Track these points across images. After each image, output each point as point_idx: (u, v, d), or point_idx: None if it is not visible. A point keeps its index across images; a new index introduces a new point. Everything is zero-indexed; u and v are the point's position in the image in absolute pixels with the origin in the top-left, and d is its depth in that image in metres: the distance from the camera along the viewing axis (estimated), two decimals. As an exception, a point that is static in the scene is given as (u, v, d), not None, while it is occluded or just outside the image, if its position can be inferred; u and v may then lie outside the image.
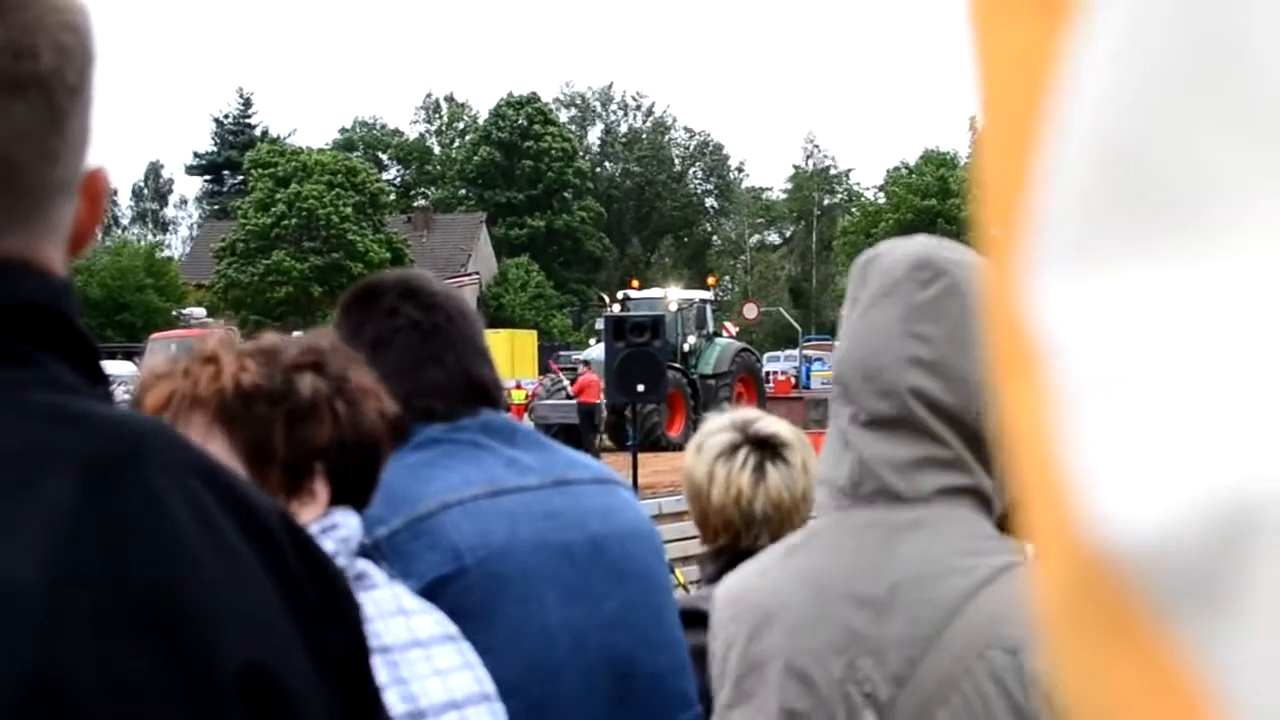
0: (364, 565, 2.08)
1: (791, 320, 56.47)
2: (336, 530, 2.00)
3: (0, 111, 1.10)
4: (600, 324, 36.32)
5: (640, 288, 40.02)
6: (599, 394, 32.69)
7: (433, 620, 2.12)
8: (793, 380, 43.60)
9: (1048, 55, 0.37)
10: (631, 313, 21.45)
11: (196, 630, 1.05)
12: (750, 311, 48.91)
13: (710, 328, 37.36)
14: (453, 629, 2.14)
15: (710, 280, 44.70)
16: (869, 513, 1.91)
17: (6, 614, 0.98)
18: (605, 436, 32.91)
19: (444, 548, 2.30)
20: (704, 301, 38.05)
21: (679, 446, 30.79)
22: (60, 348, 1.13)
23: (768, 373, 44.99)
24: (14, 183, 1.12)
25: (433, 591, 2.24)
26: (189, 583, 1.06)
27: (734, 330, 42.85)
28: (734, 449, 3.09)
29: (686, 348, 35.32)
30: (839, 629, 1.85)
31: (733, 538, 3.08)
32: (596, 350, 37.49)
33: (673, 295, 37.61)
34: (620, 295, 38.42)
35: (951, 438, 1.90)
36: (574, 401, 34.06)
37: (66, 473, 1.05)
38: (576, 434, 29.40)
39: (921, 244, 1.98)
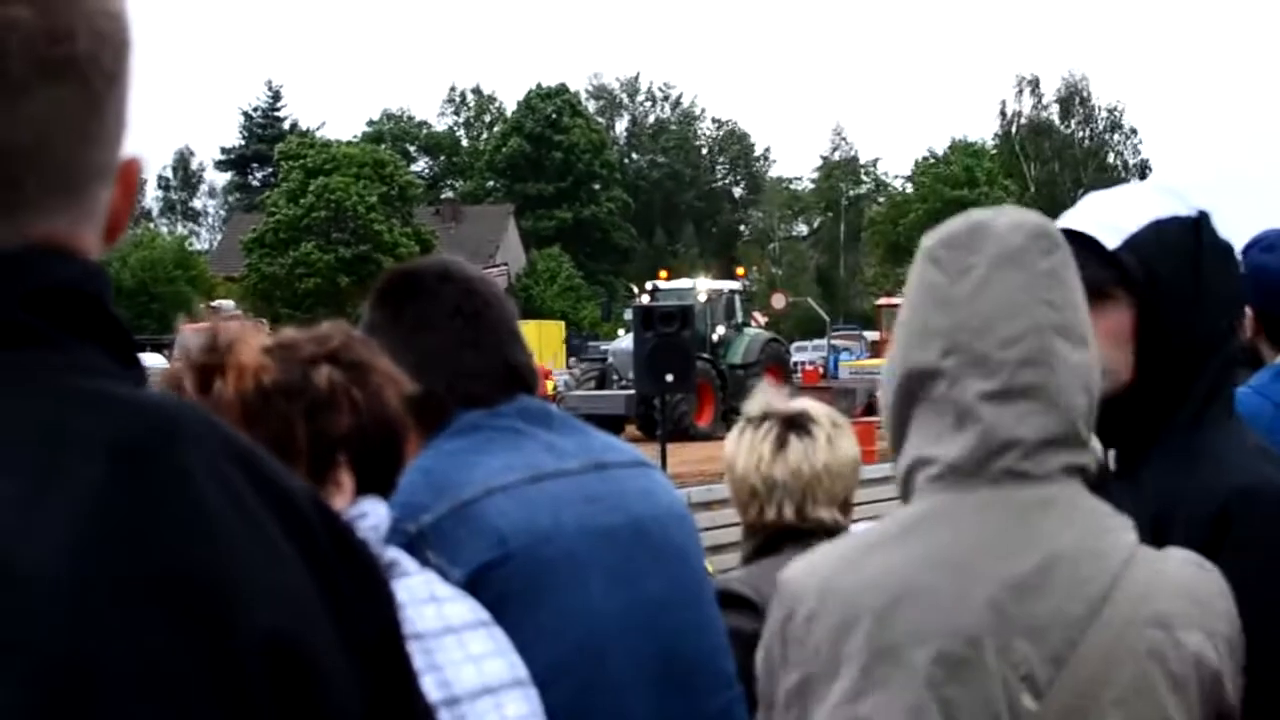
0: (395, 553, 2.08)
1: (820, 311, 56.33)
2: (366, 519, 2.02)
3: (38, 95, 1.10)
4: (629, 315, 36.25)
5: (669, 278, 40.00)
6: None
7: (466, 607, 2.13)
8: (820, 370, 43.52)
9: None
10: (666, 303, 21.39)
11: (222, 604, 1.05)
12: (779, 301, 48.83)
13: (739, 318, 37.40)
14: (485, 615, 2.15)
15: (739, 271, 44.70)
16: (992, 492, 1.85)
17: (35, 596, 0.99)
18: (634, 426, 32.88)
19: (489, 533, 2.31)
20: (733, 292, 38.14)
21: (707, 436, 30.84)
22: (95, 332, 1.13)
23: (796, 363, 44.91)
24: (52, 166, 1.13)
25: (479, 577, 2.25)
26: (217, 561, 1.06)
27: (763, 320, 42.78)
28: (759, 422, 3.18)
29: (715, 338, 35.35)
30: (989, 610, 1.78)
31: (758, 509, 3.13)
32: (622, 342, 37.40)
33: (702, 286, 37.65)
34: (649, 286, 38.43)
35: (1078, 410, 1.87)
36: (604, 392, 34.07)
37: (97, 456, 1.05)
38: (609, 423, 29.41)
39: (1026, 213, 1.95)
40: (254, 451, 1.17)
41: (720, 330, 35.96)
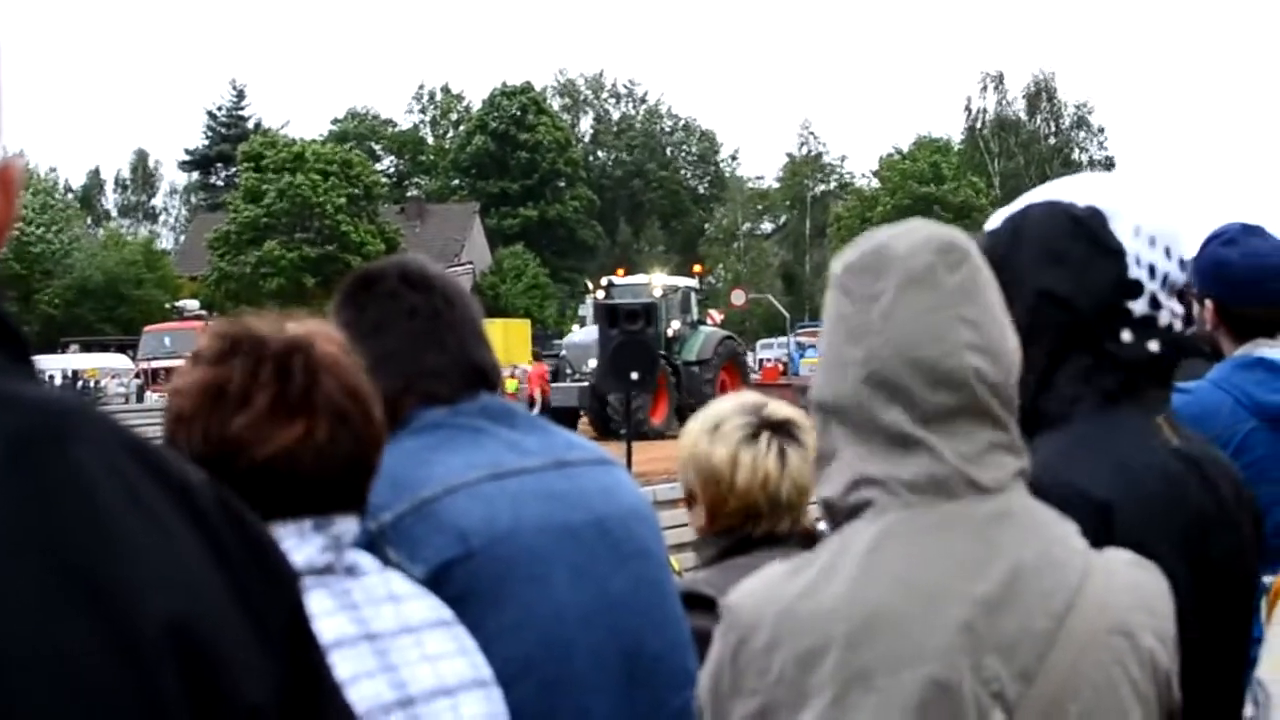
0: (356, 556, 2.07)
1: (780, 308, 56.38)
2: (332, 527, 2.02)
3: None
4: (583, 310, 36.10)
5: (626, 274, 39.91)
6: (541, 384, 32.22)
7: (426, 605, 2.12)
8: (781, 367, 43.55)
9: None
10: (622, 300, 21.36)
11: (119, 592, 1.04)
12: (738, 298, 48.81)
13: (694, 315, 37.31)
14: (447, 614, 2.14)
15: (696, 268, 44.64)
16: (949, 507, 1.83)
17: None
18: (587, 421, 32.85)
19: (450, 531, 2.30)
20: (688, 288, 37.94)
21: (660, 434, 30.69)
22: None
23: (760, 360, 44.95)
24: None
25: (441, 575, 2.25)
26: (111, 551, 1.05)
27: (719, 318, 42.73)
28: (755, 433, 3.08)
29: (670, 334, 34.97)
30: (958, 629, 1.76)
31: (754, 522, 3.06)
32: (577, 335, 37.27)
33: (657, 281, 37.44)
34: (604, 282, 38.28)
35: (1008, 419, 1.87)
36: (557, 384, 33.92)
37: None
38: (563, 415, 29.31)
39: (930, 227, 1.93)
40: (149, 445, 1.16)
41: (675, 326, 35.68)
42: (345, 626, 1.98)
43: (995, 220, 2.48)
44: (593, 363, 30.06)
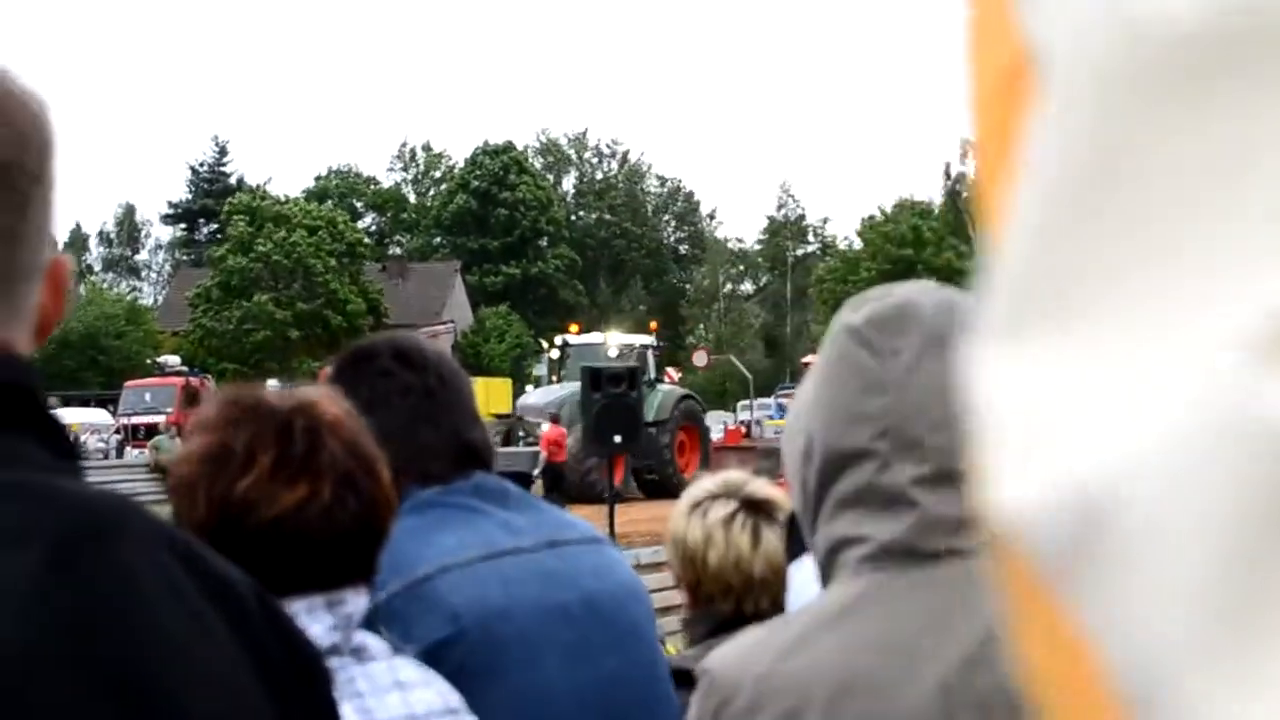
0: (364, 638, 2.07)
1: (743, 369, 56.21)
2: (343, 606, 2.02)
3: None
4: (538, 369, 35.46)
5: (580, 332, 38.89)
6: (550, 448, 31.02)
7: (434, 692, 2.11)
8: (743, 430, 43.29)
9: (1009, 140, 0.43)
10: (595, 362, 21.13)
11: (161, 693, 1.06)
12: (700, 359, 48.43)
13: (652, 374, 35.71)
14: (455, 702, 2.13)
15: (652, 325, 43.25)
16: (924, 571, 1.85)
17: None
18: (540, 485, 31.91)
19: (442, 611, 2.31)
20: (645, 346, 36.52)
21: (618, 498, 29.57)
22: (28, 425, 1.15)
23: (742, 422, 44.83)
24: None
25: (433, 655, 2.25)
26: (157, 655, 1.07)
27: (676, 376, 42.10)
28: (732, 514, 3.09)
29: None
30: (935, 688, 1.79)
31: (733, 602, 3.05)
32: (532, 397, 36.18)
33: (613, 340, 36.23)
34: (559, 340, 37.38)
35: None
36: (508, 449, 32.71)
37: (34, 549, 1.05)
38: (524, 480, 28.58)
39: (945, 289, 1.96)
40: (190, 542, 1.18)
41: None
42: (350, 717, 1.97)
43: None
44: (546, 426, 29.57)
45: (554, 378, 36.15)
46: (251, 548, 1.80)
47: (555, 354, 36.09)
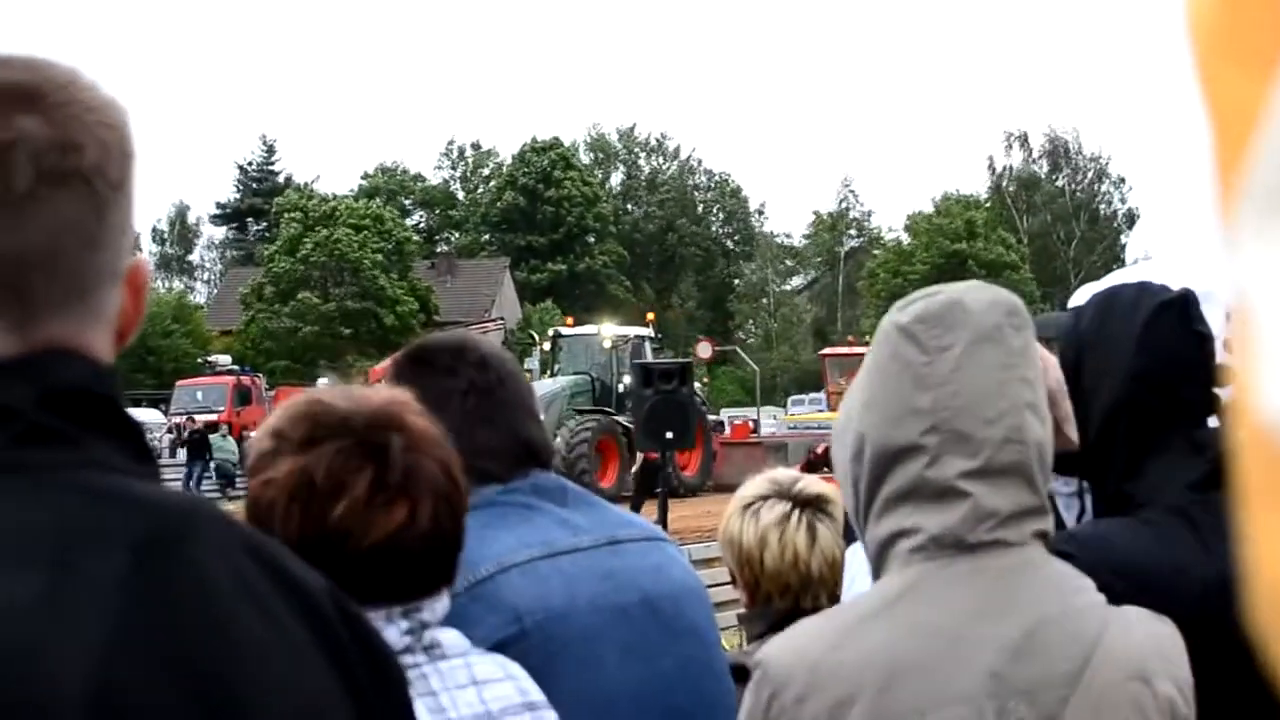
0: (437, 634, 2.05)
1: (750, 362, 55.90)
2: (419, 613, 2.01)
3: (48, 203, 1.15)
4: (530, 363, 34.49)
5: (574, 324, 37.42)
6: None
7: (513, 688, 2.10)
8: (750, 425, 43.00)
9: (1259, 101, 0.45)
10: (659, 360, 20.74)
11: (242, 695, 1.08)
12: (705, 350, 47.95)
13: None
14: (536, 697, 2.12)
15: (649, 316, 41.29)
16: (972, 561, 1.89)
17: (61, 696, 1.01)
18: None
19: (504, 610, 2.32)
20: (640, 338, 34.57)
21: (612, 498, 28.53)
22: (107, 429, 1.17)
23: (737, 418, 44.58)
24: (61, 271, 1.17)
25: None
26: (233, 654, 1.09)
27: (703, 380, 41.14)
28: (786, 513, 3.11)
29: (621, 389, 31.50)
30: (983, 675, 1.83)
31: (792, 600, 3.07)
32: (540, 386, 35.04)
33: (606, 332, 34.61)
34: (552, 332, 36.38)
35: (1042, 482, 1.93)
36: None
37: (115, 553, 1.08)
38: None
39: (994, 289, 2.00)
40: (267, 544, 1.21)
41: (627, 381, 29.28)
42: (423, 715, 1.95)
43: (1080, 298, 2.50)
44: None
45: (547, 372, 34.17)
46: (351, 568, 1.79)
47: (547, 346, 34.88)
